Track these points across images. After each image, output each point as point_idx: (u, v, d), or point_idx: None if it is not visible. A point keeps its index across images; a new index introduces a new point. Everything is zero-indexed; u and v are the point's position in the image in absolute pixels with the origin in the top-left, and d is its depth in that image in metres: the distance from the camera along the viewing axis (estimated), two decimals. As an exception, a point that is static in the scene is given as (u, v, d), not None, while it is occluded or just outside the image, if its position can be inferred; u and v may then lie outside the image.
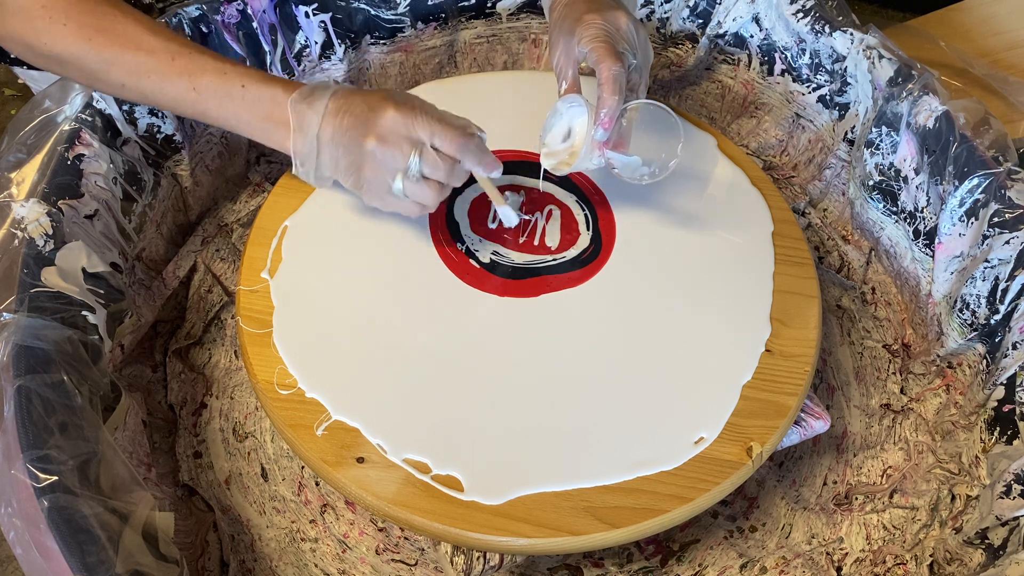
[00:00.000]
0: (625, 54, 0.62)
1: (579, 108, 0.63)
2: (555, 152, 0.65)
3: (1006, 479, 0.58)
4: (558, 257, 0.67)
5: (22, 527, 0.47)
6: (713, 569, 0.64)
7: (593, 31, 0.62)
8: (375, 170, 0.60)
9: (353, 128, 0.59)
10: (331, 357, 0.59)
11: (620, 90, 0.60)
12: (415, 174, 0.59)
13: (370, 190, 0.61)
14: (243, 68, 0.61)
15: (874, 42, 0.76)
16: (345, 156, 0.60)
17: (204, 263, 0.76)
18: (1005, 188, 0.66)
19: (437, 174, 0.60)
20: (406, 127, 0.58)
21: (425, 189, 0.60)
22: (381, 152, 0.59)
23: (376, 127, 0.58)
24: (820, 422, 0.62)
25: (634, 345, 0.62)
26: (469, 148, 0.60)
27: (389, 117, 0.58)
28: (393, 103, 0.59)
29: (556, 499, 0.53)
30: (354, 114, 0.59)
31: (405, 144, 0.58)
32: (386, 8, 0.84)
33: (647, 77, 0.66)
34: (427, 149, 0.59)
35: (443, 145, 0.59)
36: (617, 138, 0.63)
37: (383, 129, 0.58)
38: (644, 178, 0.65)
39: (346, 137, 0.59)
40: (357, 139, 0.59)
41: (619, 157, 0.63)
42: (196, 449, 0.68)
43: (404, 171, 0.59)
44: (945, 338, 0.70)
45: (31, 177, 0.61)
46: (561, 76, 0.65)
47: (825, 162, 0.85)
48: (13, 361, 0.52)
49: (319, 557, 0.63)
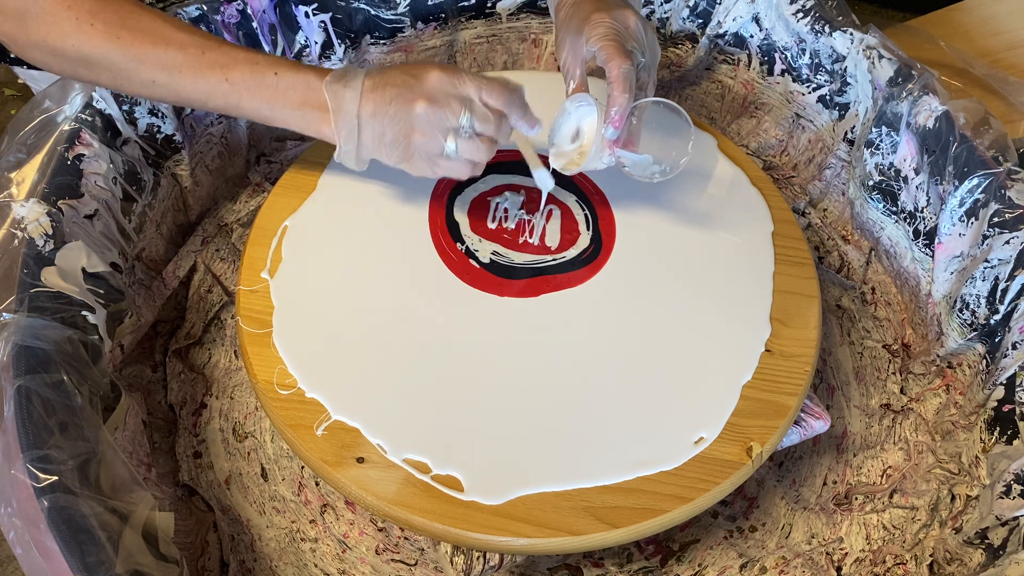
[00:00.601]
0: (634, 52, 0.62)
1: (588, 107, 0.63)
2: (564, 152, 0.65)
3: (1006, 479, 0.58)
4: (558, 257, 0.67)
5: (22, 527, 0.47)
6: (713, 569, 0.64)
7: (602, 30, 0.61)
8: (426, 132, 0.60)
9: (398, 98, 0.59)
10: (331, 357, 0.59)
11: (631, 88, 0.60)
12: (468, 130, 0.60)
13: (420, 157, 0.61)
14: (274, 58, 0.62)
15: (874, 42, 0.76)
16: (392, 127, 0.60)
17: (204, 263, 0.76)
18: (1005, 188, 0.66)
19: (488, 129, 0.60)
20: (453, 85, 0.59)
21: (478, 145, 0.60)
22: (432, 113, 0.59)
23: (424, 89, 0.59)
24: (820, 422, 0.62)
25: (634, 345, 0.62)
26: (515, 101, 0.61)
27: (435, 77, 0.59)
28: (436, 65, 0.60)
29: (556, 499, 0.53)
30: (395, 84, 0.60)
31: (455, 102, 0.59)
32: (386, 8, 0.84)
33: (655, 75, 0.66)
34: (477, 104, 0.59)
35: (491, 99, 0.60)
36: (627, 136, 0.63)
37: (431, 89, 0.59)
38: (655, 176, 0.65)
39: (392, 108, 0.59)
40: (404, 106, 0.59)
41: (630, 155, 0.63)
42: (196, 449, 0.68)
43: (456, 130, 0.59)
44: (945, 338, 0.70)
45: (31, 177, 0.61)
46: (569, 76, 0.65)
47: (825, 162, 0.85)
48: (13, 361, 0.52)
49: (319, 557, 0.63)
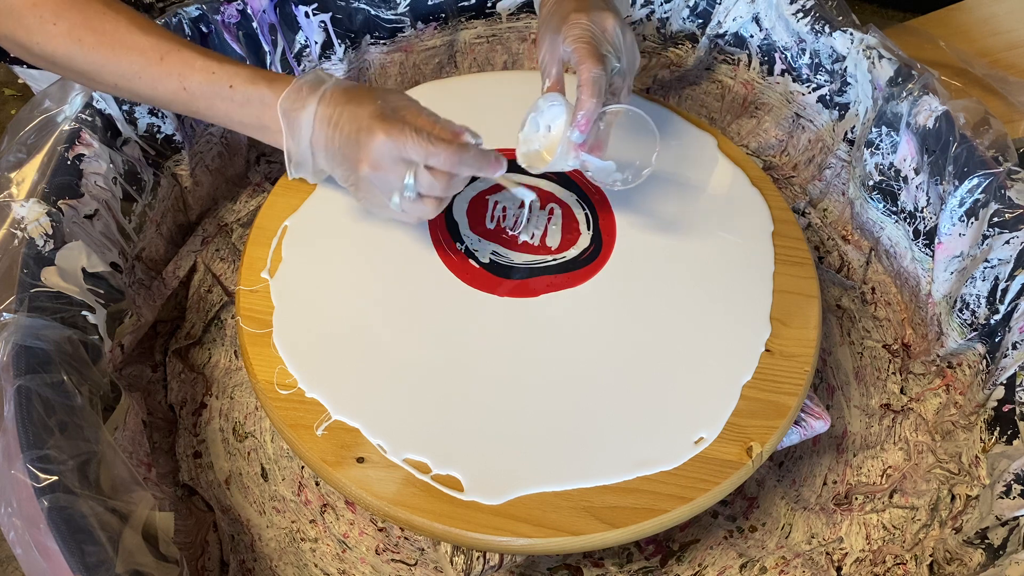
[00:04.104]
0: (608, 57, 0.61)
1: (559, 108, 0.62)
2: (532, 151, 0.65)
3: (1006, 479, 0.58)
4: (558, 257, 0.67)
5: (22, 527, 0.47)
6: (713, 569, 0.64)
7: (578, 31, 0.61)
8: (370, 190, 0.59)
9: (345, 148, 0.58)
10: (331, 357, 0.59)
11: (599, 93, 0.59)
12: (411, 194, 0.58)
13: (367, 202, 0.61)
14: (233, 66, 0.60)
15: (874, 42, 0.76)
16: (340, 168, 0.60)
17: (204, 263, 0.76)
18: (1005, 188, 0.66)
19: (434, 190, 0.58)
20: (398, 150, 0.56)
21: (422, 205, 0.59)
22: (375, 177, 0.58)
23: (367, 153, 0.57)
24: (820, 422, 0.62)
25: (634, 345, 0.62)
26: (466, 161, 0.57)
27: (379, 142, 0.56)
28: (382, 124, 0.56)
29: (556, 499, 0.53)
30: (344, 132, 0.58)
31: (399, 166, 0.57)
32: (386, 8, 0.84)
33: (631, 82, 0.65)
34: (421, 170, 0.57)
35: (438, 163, 0.57)
36: (594, 140, 0.62)
37: (375, 155, 0.57)
38: (616, 183, 0.64)
39: (339, 155, 0.59)
40: (349, 160, 0.58)
41: (594, 161, 0.62)
42: (196, 449, 0.68)
43: (399, 191, 0.58)
44: (945, 338, 0.70)
45: (31, 177, 0.61)
46: (545, 73, 0.64)
47: (825, 162, 0.85)
48: (13, 361, 0.52)
49: (319, 557, 0.63)
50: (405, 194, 0.58)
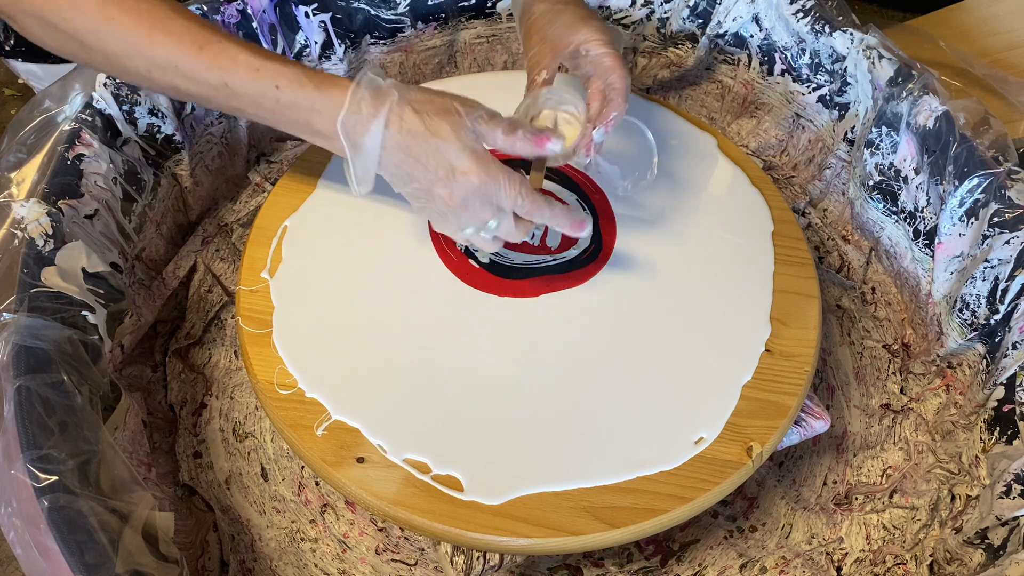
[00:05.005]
0: None
1: (570, 103, 0.61)
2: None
3: (1006, 479, 0.58)
4: (558, 257, 0.67)
5: (22, 527, 0.47)
6: (713, 569, 0.64)
7: (606, 37, 0.62)
8: (443, 217, 0.57)
9: (426, 181, 0.54)
10: (331, 357, 0.59)
11: (628, 100, 0.61)
12: (488, 236, 0.57)
13: (434, 221, 0.59)
14: (277, 64, 0.54)
15: (874, 42, 0.76)
16: (412, 194, 0.57)
17: (204, 263, 0.76)
18: (1005, 188, 0.66)
19: (511, 237, 0.57)
20: (490, 196, 0.54)
21: (492, 243, 0.58)
22: (455, 214, 0.55)
23: (456, 191, 0.54)
24: (820, 422, 0.62)
25: (634, 345, 0.62)
26: (558, 219, 0.56)
27: (472, 187, 0.53)
28: (475, 165, 0.53)
29: (556, 499, 0.53)
30: (422, 162, 0.54)
31: (487, 209, 0.55)
32: (386, 8, 0.84)
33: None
34: (507, 217, 0.55)
35: (528, 214, 0.55)
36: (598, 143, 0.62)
37: (464, 195, 0.54)
38: (618, 189, 0.66)
39: (416, 183, 0.55)
40: (429, 194, 0.55)
41: (605, 164, 0.63)
42: (196, 449, 0.68)
43: (477, 227, 0.56)
44: (945, 338, 0.70)
45: (31, 177, 0.61)
46: (540, 67, 0.63)
47: (825, 162, 0.85)
48: (13, 361, 0.52)
49: (319, 557, 0.63)
50: (482, 234, 0.57)
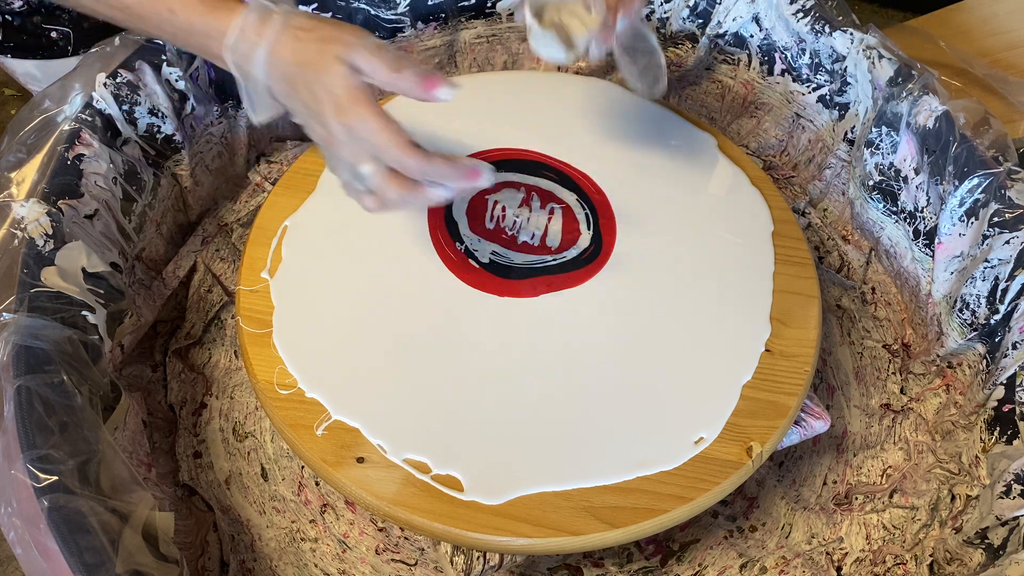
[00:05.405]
0: None
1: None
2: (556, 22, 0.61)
3: (1006, 479, 0.58)
4: (558, 257, 0.67)
5: (22, 527, 0.47)
6: (713, 569, 0.64)
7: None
8: (328, 160, 0.54)
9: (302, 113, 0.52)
10: (331, 357, 0.59)
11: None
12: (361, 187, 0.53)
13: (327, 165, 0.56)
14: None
15: (874, 42, 0.76)
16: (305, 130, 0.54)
17: (204, 263, 0.76)
18: (1005, 188, 0.66)
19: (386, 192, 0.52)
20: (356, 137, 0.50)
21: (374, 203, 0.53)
22: (331, 155, 0.53)
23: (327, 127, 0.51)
24: (820, 422, 0.62)
25: (634, 345, 0.62)
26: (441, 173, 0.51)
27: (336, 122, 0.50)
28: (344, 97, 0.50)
29: (556, 499, 0.53)
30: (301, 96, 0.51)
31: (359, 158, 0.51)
32: (386, 8, 0.84)
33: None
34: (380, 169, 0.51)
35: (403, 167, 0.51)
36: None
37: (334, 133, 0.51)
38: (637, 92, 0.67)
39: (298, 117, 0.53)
40: (308, 126, 0.53)
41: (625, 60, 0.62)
42: (196, 449, 0.68)
43: (352, 177, 0.52)
44: (945, 338, 0.70)
45: (31, 177, 0.61)
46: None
47: (825, 162, 0.85)
48: (13, 361, 0.52)
49: (319, 557, 0.63)
50: (355, 184, 0.53)
